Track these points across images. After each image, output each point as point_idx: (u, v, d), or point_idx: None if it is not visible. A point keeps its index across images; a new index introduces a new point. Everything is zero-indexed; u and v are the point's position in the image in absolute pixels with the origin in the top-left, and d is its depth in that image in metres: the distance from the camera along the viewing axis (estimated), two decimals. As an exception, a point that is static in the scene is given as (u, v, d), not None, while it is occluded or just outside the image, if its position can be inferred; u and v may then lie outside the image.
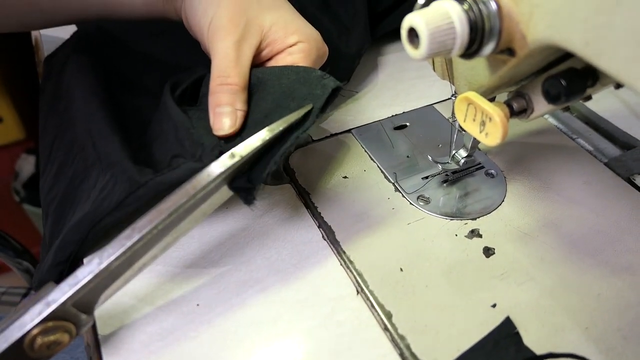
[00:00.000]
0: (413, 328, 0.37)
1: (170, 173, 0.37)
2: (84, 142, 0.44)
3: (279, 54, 0.42)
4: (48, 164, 0.48)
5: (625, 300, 0.38)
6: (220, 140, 0.38)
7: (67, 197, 0.43)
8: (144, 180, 0.38)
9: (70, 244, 0.39)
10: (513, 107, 0.35)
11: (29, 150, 1.34)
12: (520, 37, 0.29)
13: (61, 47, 0.58)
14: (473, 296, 0.39)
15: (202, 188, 0.34)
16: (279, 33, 0.41)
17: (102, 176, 0.41)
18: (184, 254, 0.41)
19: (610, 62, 0.25)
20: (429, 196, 0.46)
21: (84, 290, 0.31)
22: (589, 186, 0.47)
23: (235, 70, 0.39)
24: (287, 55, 0.42)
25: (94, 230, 0.39)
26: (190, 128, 0.39)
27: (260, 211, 0.45)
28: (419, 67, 0.61)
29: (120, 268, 0.33)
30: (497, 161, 0.49)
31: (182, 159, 0.38)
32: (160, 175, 0.38)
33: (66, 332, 0.32)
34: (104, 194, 0.39)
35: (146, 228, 0.32)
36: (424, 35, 0.28)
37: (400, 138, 0.52)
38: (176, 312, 0.38)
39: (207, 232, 0.43)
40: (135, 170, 0.39)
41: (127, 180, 0.38)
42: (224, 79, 0.39)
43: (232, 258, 0.41)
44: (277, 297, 0.39)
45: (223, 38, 0.40)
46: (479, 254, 0.41)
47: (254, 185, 0.36)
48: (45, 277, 0.40)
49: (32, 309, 0.31)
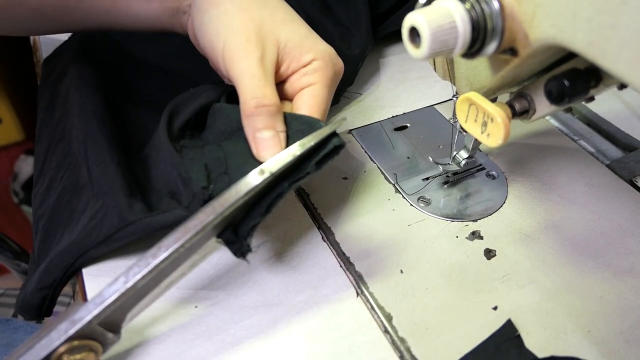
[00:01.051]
0: (413, 331, 0.36)
1: (158, 217, 0.37)
2: (78, 160, 0.43)
3: (293, 74, 0.40)
4: (41, 175, 0.47)
5: (628, 303, 0.38)
6: (210, 185, 0.36)
7: (55, 213, 0.43)
8: (133, 219, 0.37)
9: (55, 269, 0.39)
10: (515, 107, 0.34)
11: (28, 151, 1.34)
12: (523, 37, 0.28)
13: (60, 48, 0.57)
14: (474, 298, 0.38)
15: (229, 205, 0.33)
16: (295, 51, 0.40)
17: (92, 202, 0.40)
18: (183, 255, 0.41)
19: (614, 62, 0.24)
20: (430, 197, 0.46)
21: (110, 309, 0.31)
22: (590, 188, 0.46)
23: (269, 90, 0.37)
24: (302, 77, 0.40)
25: (80, 259, 0.39)
26: (181, 172, 0.37)
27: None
28: (420, 67, 0.60)
29: (146, 287, 0.32)
30: (499, 162, 0.49)
31: (174, 202, 0.38)
32: (149, 217, 0.37)
33: (92, 351, 0.31)
34: (93, 224, 0.38)
35: (173, 246, 0.31)
36: (426, 34, 0.28)
37: (401, 139, 0.52)
38: (174, 314, 0.37)
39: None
40: (126, 205, 0.38)
41: (116, 216, 0.38)
42: (260, 99, 0.36)
43: (231, 260, 0.41)
44: (276, 298, 0.38)
45: (244, 57, 0.37)
46: (480, 256, 0.41)
47: (238, 239, 0.35)
48: (29, 300, 0.40)
49: (59, 327, 0.30)
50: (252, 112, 0.37)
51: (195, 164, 0.37)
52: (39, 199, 0.45)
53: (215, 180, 0.36)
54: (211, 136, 0.40)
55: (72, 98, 0.48)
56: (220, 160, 0.37)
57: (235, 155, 0.38)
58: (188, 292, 0.39)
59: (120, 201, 0.38)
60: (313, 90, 0.39)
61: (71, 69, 0.51)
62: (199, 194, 0.36)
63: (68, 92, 0.49)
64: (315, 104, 0.39)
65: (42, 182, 0.46)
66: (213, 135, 0.40)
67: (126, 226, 0.37)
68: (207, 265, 0.40)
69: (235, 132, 0.39)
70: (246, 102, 0.37)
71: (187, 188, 0.36)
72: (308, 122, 0.37)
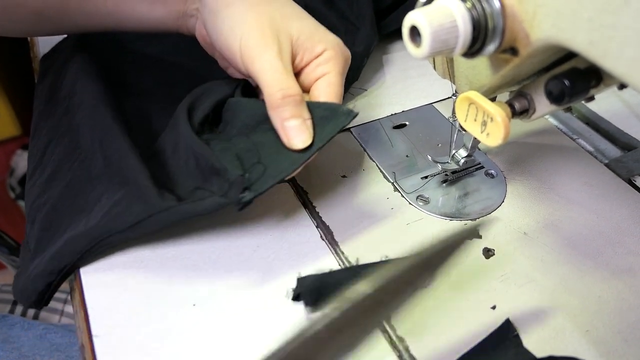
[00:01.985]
0: (412, 330, 0.36)
1: (195, 204, 0.37)
2: (91, 151, 0.43)
3: (307, 65, 0.42)
4: (38, 167, 0.47)
5: (626, 302, 0.38)
6: (245, 174, 0.37)
7: (62, 203, 0.42)
8: (167, 205, 0.37)
9: (69, 254, 0.38)
10: (515, 107, 0.34)
11: (24, 146, 1.33)
12: (524, 36, 0.28)
13: (58, 45, 0.57)
14: (472, 298, 0.38)
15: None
16: (307, 43, 0.41)
17: (111, 191, 0.40)
18: (180, 253, 0.41)
19: (615, 63, 0.24)
20: (429, 196, 0.46)
21: None
22: (589, 187, 0.46)
23: (292, 81, 0.39)
24: (317, 67, 0.41)
25: (99, 245, 0.38)
26: (214, 163, 0.38)
27: (258, 211, 0.44)
28: (419, 66, 0.60)
29: None
30: (497, 161, 0.49)
31: (207, 192, 0.38)
32: (186, 204, 0.37)
33: None
34: (117, 210, 0.38)
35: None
36: (426, 33, 0.28)
37: (400, 137, 0.52)
38: (172, 312, 0.37)
39: (204, 232, 0.42)
40: (156, 193, 0.38)
41: (145, 202, 0.38)
42: (286, 90, 0.38)
43: (229, 258, 0.41)
44: (275, 297, 0.38)
45: (263, 52, 0.39)
46: (479, 255, 0.41)
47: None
48: (31, 286, 0.39)
49: None
50: (279, 103, 0.38)
51: (226, 154, 0.39)
52: (38, 189, 0.45)
53: (249, 170, 0.38)
54: (234, 130, 0.41)
55: (79, 92, 0.47)
56: (251, 151, 0.39)
57: (265, 145, 0.39)
58: (186, 291, 0.38)
59: (148, 189, 0.38)
60: (328, 79, 0.41)
61: (73, 64, 0.50)
62: (237, 182, 0.37)
63: (73, 87, 0.48)
64: (333, 92, 0.41)
65: (41, 173, 0.46)
66: (236, 129, 0.41)
67: (159, 212, 0.37)
68: (204, 265, 0.40)
69: (259, 124, 0.40)
70: (272, 94, 0.38)
71: (220, 178, 0.37)
72: (330, 108, 0.39)
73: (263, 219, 0.44)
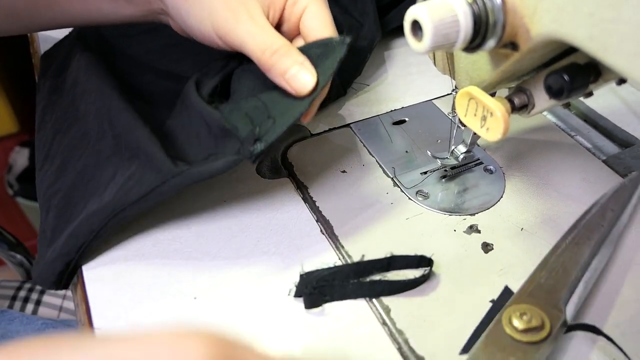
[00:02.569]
0: (411, 323, 0.36)
1: (209, 164, 0.37)
2: (100, 134, 0.43)
3: (284, 11, 0.41)
4: (47, 159, 0.47)
5: (624, 296, 0.38)
6: (256, 129, 0.37)
7: (75, 190, 0.42)
8: (179, 170, 0.37)
9: (86, 232, 0.38)
10: (514, 102, 0.35)
11: (22, 143, 1.33)
12: (524, 31, 0.28)
13: (59, 43, 0.57)
14: (471, 291, 0.39)
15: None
16: None
17: (123, 168, 0.40)
18: (182, 247, 0.41)
19: (615, 57, 0.25)
20: (428, 191, 0.46)
21: None
22: (587, 183, 0.47)
23: (273, 36, 0.39)
24: (293, 6, 0.41)
25: (114, 220, 0.38)
26: (225, 124, 0.38)
27: (259, 205, 0.44)
28: (418, 62, 0.60)
29: None
30: (496, 157, 0.49)
31: (220, 155, 0.38)
32: (199, 166, 0.37)
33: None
34: (131, 183, 0.38)
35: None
36: (428, 28, 0.28)
37: (399, 133, 0.52)
38: (173, 305, 0.37)
39: (205, 225, 0.43)
40: (169, 160, 0.38)
41: (158, 169, 0.38)
42: (270, 48, 0.38)
43: (230, 252, 0.41)
44: (275, 291, 0.38)
45: (235, 24, 0.39)
46: (478, 249, 0.41)
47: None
48: (49, 269, 0.39)
49: None
50: (270, 62, 0.38)
51: (236, 115, 0.38)
52: (49, 178, 0.45)
53: (260, 124, 0.37)
54: (242, 95, 0.41)
55: (83, 82, 0.48)
56: (259, 108, 0.39)
57: (273, 101, 0.39)
58: (187, 284, 0.39)
59: (160, 156, 0.38)
60: (310, 12, 0.41)
61: (75, 58, 0.51)
62: (248, 137, 0.36)
63: (76, 78, 0.49)
64: (320, 23, 0.41)
65: (52, 163, 0.46)
66: (243, 93, 0.41)
67: (173, 177, 0.37)
68: (205, 258, 0.40)
69: (264, 84, 0.40)
70: (260, 58, 0.38)
71: (232, 138, 0.37)
72: (323, 44, 0.39)
73: (263, 214, 0.44)
